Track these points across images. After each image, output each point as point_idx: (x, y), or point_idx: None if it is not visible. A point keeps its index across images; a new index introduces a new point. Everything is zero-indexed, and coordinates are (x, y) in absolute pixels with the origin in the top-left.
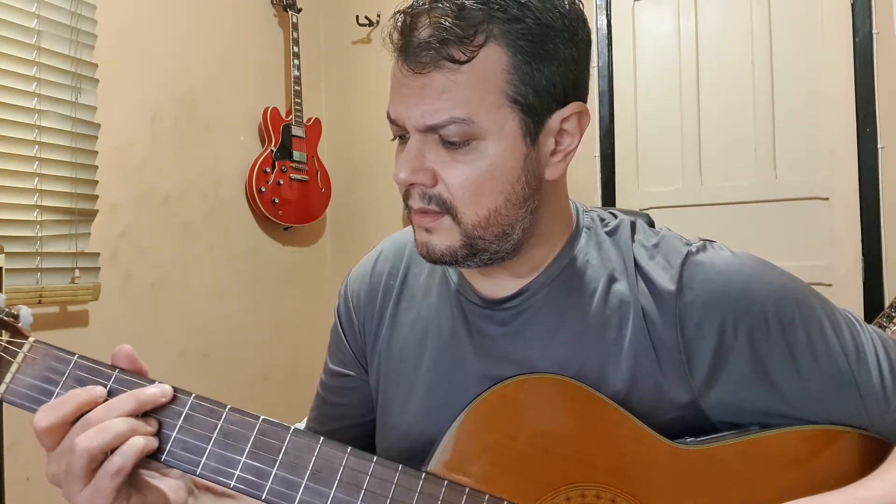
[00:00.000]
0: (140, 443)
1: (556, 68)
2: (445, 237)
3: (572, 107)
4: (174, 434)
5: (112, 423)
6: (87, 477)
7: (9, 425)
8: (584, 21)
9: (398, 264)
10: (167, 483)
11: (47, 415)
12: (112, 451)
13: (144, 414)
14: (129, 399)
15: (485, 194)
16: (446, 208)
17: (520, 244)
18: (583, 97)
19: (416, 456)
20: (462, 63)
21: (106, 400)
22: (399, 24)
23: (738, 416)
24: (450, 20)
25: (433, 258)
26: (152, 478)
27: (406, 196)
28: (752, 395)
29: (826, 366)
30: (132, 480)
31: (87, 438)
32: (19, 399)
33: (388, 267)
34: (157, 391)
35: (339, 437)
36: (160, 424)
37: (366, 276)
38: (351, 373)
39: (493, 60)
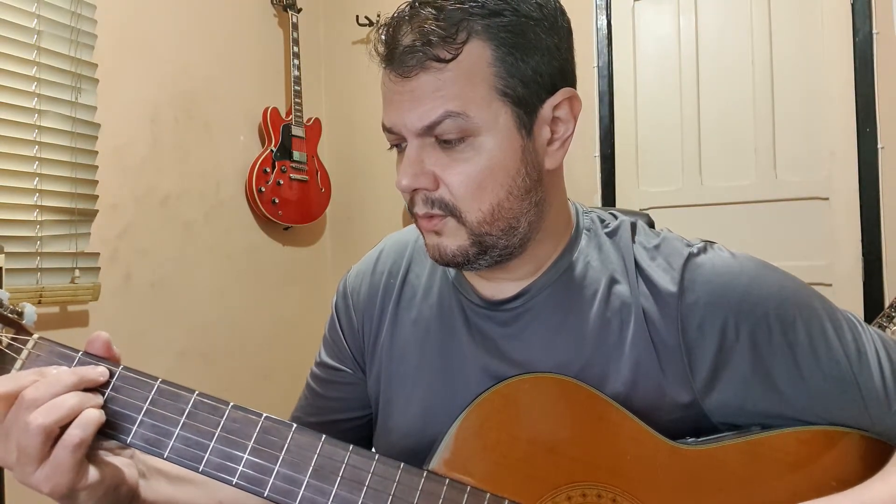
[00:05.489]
0: (95, 414)
1: (541, 57)
2: (454, 238)
3: (562, 93)
4: (177, 430)
5: (63, 398)
6: (43, 455)
7: None
8: (563, 11)
9: (399, 263)
10: (120, 461)
11: (5, 382)
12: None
13: (147, 410)
14: (70, 374)
15: (486, 190)
16: (449, 210)
17: (526, 239)
18: (571, 83)
19: (417, 455)
20: (447, 61)
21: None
22: (383, 36)
23: (740, 417)
24: (431, 23)
25: (445, 260)
26: (106, 455)
27: (411, 203)
28: (753, 396)
29: (827, 367)
30: (89, 455)
31: (40, 416)
32: None
33: (388, 265)
34: (97, 372)
35: (323, 430)
36: (163, 420)
37: (367, 273)
38: (346, 368)
39: (477, 55)
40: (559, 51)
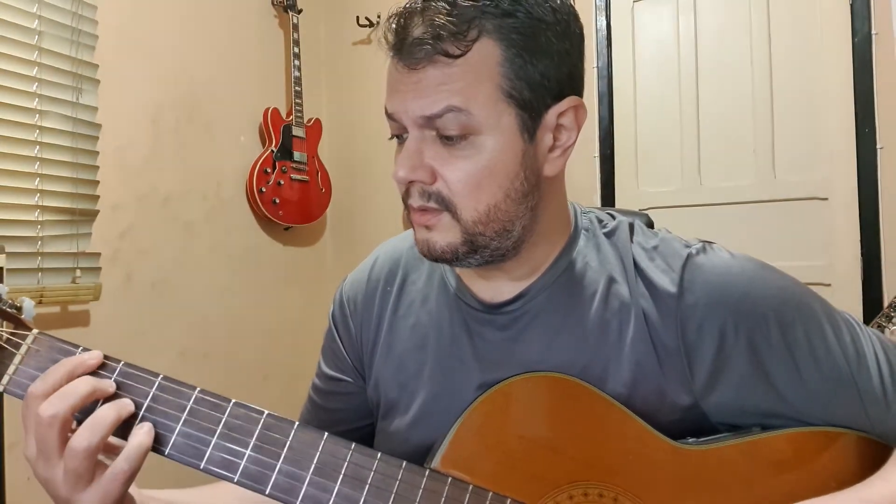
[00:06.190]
0: (144, 441)
1: (550, 61)
2: (445, 234)
3: (568, 101)
4: (178, 427)
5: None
6: (61, 449)
7: (10, 425)
8: (576, 16)
9: (395, 270)
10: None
11: (41, 383)
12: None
13: (148, 406)
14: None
15: (483, 190)
16: (445, 205)
17: (520, 242)
18: (578, 91)
19: (417, 461)
20: (456, 57)
21: (97, 371)
22: (393, 25)
23: (740, 418)
24: (443, 17)
25: (433, 255)
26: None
27: (405, 195)
28: (753, 398)
29: (826, 368)
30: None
31: (51, 406)
32: (22, 391)
33: (384, 273)
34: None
35: None
36: (164, 417)
37: (362, 282)
38: (346, 378)
39: (486, 54)
40: (569, 56)
